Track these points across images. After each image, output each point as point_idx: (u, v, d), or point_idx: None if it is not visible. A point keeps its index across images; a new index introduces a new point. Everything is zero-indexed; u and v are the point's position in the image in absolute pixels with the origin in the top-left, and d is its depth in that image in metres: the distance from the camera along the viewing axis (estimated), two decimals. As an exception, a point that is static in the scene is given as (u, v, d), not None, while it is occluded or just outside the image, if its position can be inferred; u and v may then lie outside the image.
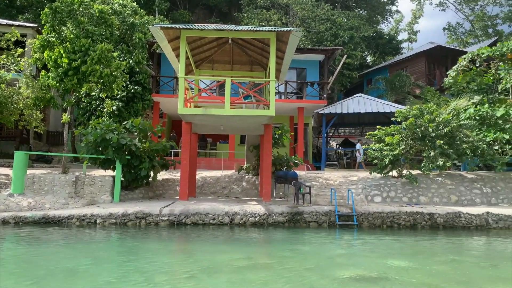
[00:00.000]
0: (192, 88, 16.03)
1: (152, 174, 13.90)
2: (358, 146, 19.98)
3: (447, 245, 9.40)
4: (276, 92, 20.55)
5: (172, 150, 17.67)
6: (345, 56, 23.47)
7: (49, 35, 13.76)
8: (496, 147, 15.01)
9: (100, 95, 17.27)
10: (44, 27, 13.83)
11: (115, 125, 13.29)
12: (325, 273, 6.22)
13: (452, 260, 7.54)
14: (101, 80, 13.78)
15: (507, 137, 14.61)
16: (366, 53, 36.25)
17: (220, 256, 7.38)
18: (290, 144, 21.81)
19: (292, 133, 18.14)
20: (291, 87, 21.86)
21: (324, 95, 21.45)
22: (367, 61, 36.54)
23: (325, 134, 21.34)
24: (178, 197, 13.28)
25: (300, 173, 15.95)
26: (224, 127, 13.89)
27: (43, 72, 14.12)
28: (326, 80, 21.81)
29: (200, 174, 16.04)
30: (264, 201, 12.67)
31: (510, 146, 14.90)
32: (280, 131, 15.50)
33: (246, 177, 15.75)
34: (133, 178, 13.42)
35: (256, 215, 10.96)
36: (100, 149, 12.95)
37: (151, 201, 12.72)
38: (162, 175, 15.65)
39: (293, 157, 15.94)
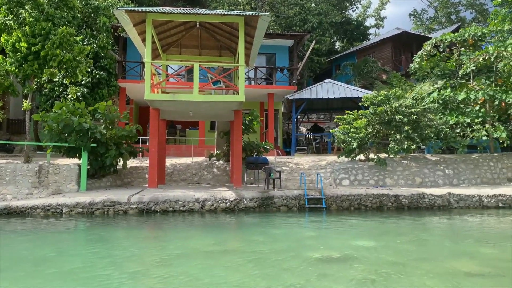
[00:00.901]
0: (159, 74, 15.69)
1: (120, 162, 13.62)
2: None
3: (411, 224, 9.76)
4: (245, 78, 20.50)
5: (140, 138, 17.34)
6: (314, 41, 23.57)
7: (6, 18, 13.05)
8: (458, 130, 15.59)
9: (64, 81, 16.65)
10: (1, 10, 13.10)
11: (80, 110, 12.87)
12: (295, 254, 6.32)
13: (416, 239, 7.84)
14: (64, 66, 13.25)
15: (468, 120, 15.19)
16: (335, 38, 36.56)
17: (191, 242, 7.36)
18: (260, 130, 21.87)
19: (262, 119, 18.14)
20: (261, 73, 21.81)
21: (294, 81, 21.54)
22: (336, 47, 36.86)
23: (295, 120, 21.50)
24: (147, 185, 13.09)
25: (271, 158, 16.05)
26: (193, 113, 13.72)
27: (0, 57, 13.42)
28: (295, 66, 21.88)
29: (170, 161, 15.85)
30: (235, 187, 12.69)
31: (470, 129, 15.51)
32: (250, 117, 15.48)
33: (217, 163, 15.69)
34: (100, 166, 13.10)
35: (227, 201, 10.98)
36: (64, 136, 12.54)
37: (119, 189, 12.48)
38: (130, 162, 15.34)
39: (263, 143, 15.99)
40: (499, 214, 11.10)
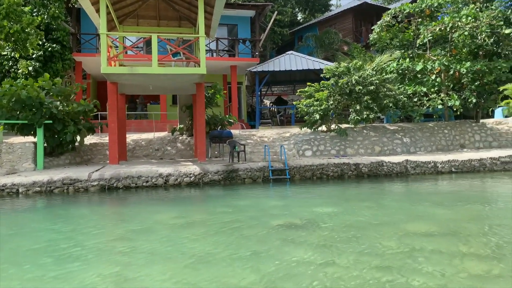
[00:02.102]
0: (116, 46, 15.07)
1: (78, 138, 13.15)
2: None
3: (371, 191, 10.13)
4: (207, 50, 20.08)
5: (99, 113, 16.76)
6: (276, 12, 23.31)
7: None
8: (415, 100, 16.10)
9: (13, 55, 15.68)
10: None
11: (34, 84, 12.22)
12: (259, 223, 6.43)
13: (375, 204, 8.15)
14: (12, 38, 12.44)
15: (424, 89, 15.69)
16: (297, 9, 36.30)
17: (154, 217, 7.30)
18: (224, 104, 21.68)
19: (225, 92, 17.94)
20: (223, 45, 21.42)
21: (257, 53, 21.34)
22: (298, 18, 36.65)
23: (259, 93, 21.44)
24: (108, 162, 12.77)
25: (235, 132, 16.02)
26: (153, 87, 13.35)
27: None
28: (258, 37, 21.62)
29: (131, 137, 15.48)
30: (199, 161, 12.61)
31: (427, 98, 16.07)
32: (213, 90, 15.27)
33: (180, 138, 15.49)
34: (57, 143, 12.60)
35: (191, 175, 10.92)
36: (16, 113, 11.92)
37: (79, 167, 12.11)
38: (90, 139, 14.88)
39: (227, 116, 15.88)
40: (452, 178, 11.71)
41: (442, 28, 15.64)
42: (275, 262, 4.46)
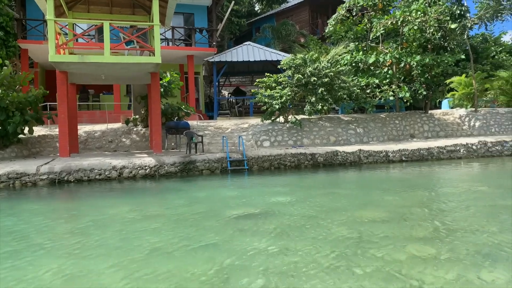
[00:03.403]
0: (65, 34, 14.37)
1: (26, 130, 12.48)
2: None
3: (326, 180, 10.39)
4: (163, 39, 19.61)
5: (48, 104, 15.97)
6: (233, 2, 23.11)
7: None
8: (368, 91, 16.63)
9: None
10: None
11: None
12: (216, 214, 6.42)
13: (329, 192, 8.37)
14: None
15: (377, 81, 16.24)
16: (254, 0, 36.20)
17: (108, 210, 7.10)
18: (181, 94, 21.31)
19: (182, 84, 17.63)
20: (179, 34, 20.98)
21: (214, 43, 21.10)
22: (256, 9, 36.58)
23: (217, 83, 21.26)
24: (58, 154, 12.22)
25: (193, 123, 15.83)
26: (105, 76, 12.87)
27: None
28: (215, 27, 21.36)
29: (83, 128, 14.89)
30: (155, 153, 12.37)
31: (379, 90, 16.63)
32: (168, 79, 14.95)
33: (135, 129, 15.10)
34: (1, 135, 11.88)
35: (147, 167, 10.70)
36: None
37: (27, 160, 11.50)
38: (39, 131, 14.16)
39: (184, 106, 15.64)
40: (402, 166, 12.25)
41: (394, 22, 16.19)
42: (231, 252, 4.48)
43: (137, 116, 15.41)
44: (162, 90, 14.32)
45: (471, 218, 5.90)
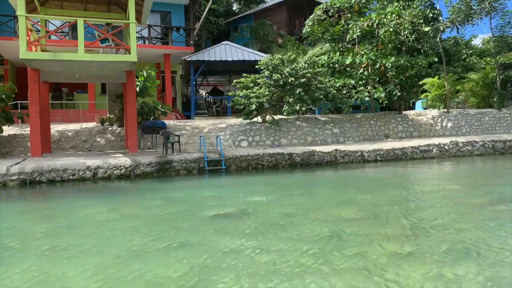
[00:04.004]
0: (37, 30, 13.96)
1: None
2: None
3: (303, 179, 10.48)
4: (139, 37, 19.33)
5: (19, 102, 15.49)
6: (211, 1, 23.00)
7: None
8: (344, 92, 16.86)
9: None
10: None
11: None
12: (193, 215, 6.37)
13: (306, 192, 8.44)
14: None
15: (353, 82, 16.48)
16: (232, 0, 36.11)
17: (82, 211, 6.95)
18: (157, 93, 21.06)
19: (159, 81, 17.40)
20: (156, 32, 20.72)
21: (191, 42, 20.94)
22: (233, 9, 36.49)
23: (194, 82, 21.11)
24: (30, 154, 11.87)
25: (169, 122, 15.66)
26: (79, 74, 12.58)
27: None
28: (192, 26, 21.20)
29: (56, 127, 14.50)
30: (131, 152, 12.18)
31: (355, 90, 16.89)
32: (144, 77, 14.73)
33: (110, 129, 14.82)
34: (-32, 135, 11.45)
35: (122, 167, 10.53)
36: None
37: (-4, 160, 11.12)
38: (9, 130, 13.71)
39: (160, 105, 15.46)
40: (377, 166, 12.48)
41: (370, 24, 16.47)
42: (208, 252, 4.45)
43: (112, 116, 15.13)
44: (138, 89, 14.11)
45: (443, 216, 6.07)
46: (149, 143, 14.27)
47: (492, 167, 12.59)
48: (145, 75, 14.88)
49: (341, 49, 17.96)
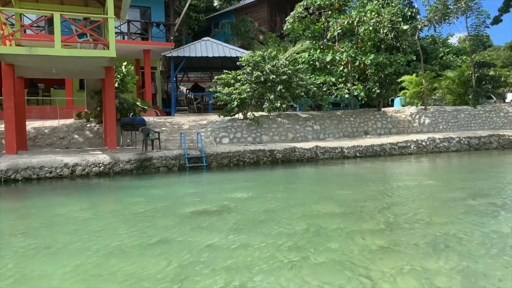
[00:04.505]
0: (12, 24, 13.57)
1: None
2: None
3: (284, 176, 10.55)
4: (118, 32, 18.99)
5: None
6: (191, -3, 22.79)
7: None
8: (325, 89, 17.00)
9: None
10: None
11: None
12: (172, 212, 6.34)
13: (287, 188, 8.51)
14: None
15: (333, 79, 16.62)
16: (213, -4, 35.87)
17: (59, 209, 6.83)
18: (137, 89, 20.78)
19: (137, 77, 17.16)
20: (135, 27, 20.41)
21: (171, 37, 20.72)
22: (214, 4, 36.27)
23: (174, 78, 20.92)
24: (4, 152, 11.55)
25: (149, 119, 15.48)
26: (56, 70, 12.30)
27: None
28: (172, 22, 20.98)
29: (32, 124, 14.15)
30: (110, 149, 11.99)
31: (335, 88, 17.05)
32: (123, 74, 14.50)
33: (89, 125, 14.55)
34: None
35: (101, 164, 10.37)
36: None
37: (-32, 158, 10.79)
38: (-18, 127, 13.31)
39: (140, 102, 15.26)
40: (356, 162, 12.65)
41: (350, 22, 16.62)
42: (187, 249, 4.44)
43: (90, 112, 14.85)
44: (117, 85, 13.89)
45: (419, 210, 6.21)
46: (128, 140, 14.07)
47: (467, 162, 12.93)
48: (124, 71, 14.67)
49: (321, 47, 18.07)
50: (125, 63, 15.07)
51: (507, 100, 22.67)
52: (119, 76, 14.29)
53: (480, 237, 4.73)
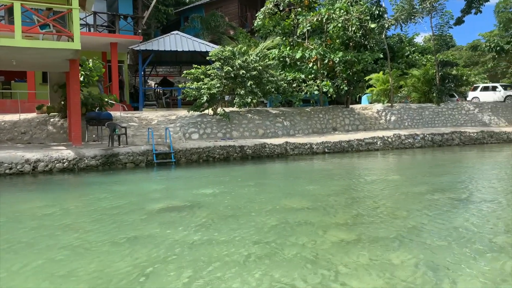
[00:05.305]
0: (-32, 12, 12.86)
1: None
2: None
3: (253, 171, 10.56)
4: (83, 24, 18.39)
5: None
6: (160, -10, 22.35)
7: None
8: (295, 85, 17.12)
9: None
10: None
11: None
12: (138, 208, 6.20)
13: (257, 183, 8.52)
14: None
15: (303, 76, 16.77)
16: (183, -11, 35.30)
17: (22, 206, 6.56)
18: (103, 83, 20.21)
19: (103, 69, 16.66)
20: (102, 20, 19.81)
21: (140, 31, 20.25)
22: (184, -2, 35.71)
23: (142, 73, 20.49)
24: (-40, 147, 10.98)
25: (116, 114, 15.08)
26: (17, 61, 11.77)
27: None
28: (141, 14, 20.50)
29: (-10, 118, 13.52)
30: (74, 145, 11.62)
31: (305, 84, 17.20)
32: (89, 66, 14.06)
33: (52, 120, 14.04)
34: None
35: (65, 160, 10.04)
36: None
37: None
38: None
39: (106, 96, 14.84)
40: (325, 158, 12.83)
41: (319, 19, 16.79)
42: (153, 245, 4.36)
43: (54, 106, 14.33)
44: (82, 78, 13.46)
45: (384, 205, 6.36)
46: (94, 136, 13.68)
47: (430, 158, 13.38)
48: (90, 64, 14.22)
49: (291, 43, 18.18)
50: (91, 60, 14.59)
51: (468, 99, 23.63)
52: (83, 71, 13.81)
53: (440, 229, 4.90)
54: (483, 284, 3.36)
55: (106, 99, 14.44)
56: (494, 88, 23.90)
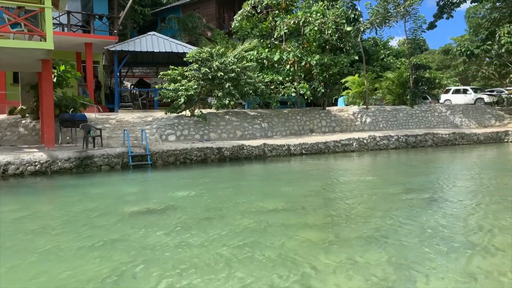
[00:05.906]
0: None
1: None
2: None
3: (231, 173, 10.55)
4: (56, 24, 17.99)
5: None
6: (137, -10, 22.08)
7: None
8: (272, 87, 17.21)
9: None
10: None
11: None
12: (112, 211, 6.10)
13: (234, 185, 8.51)
14: None
15: (280, 78, 16.88)
16: (160, -10, 34.95)
17: (-13, 211, 6.32)
18: (79, 84, 19.79)
19: (80, 74, 16.34)
20: (76, 19, 19.41)
21: (115, 31, 19.95)
22: (161, -1, 35.37)
23: (118, 74, 20.18)
24: None
25: (91, 115, 14.81)
26: (-14, 61, 11.42)
27: None
28: (116, 15, 20.19)
29: (-42, 119, 13.04)
30: (47, 147, 11.34)
31: (283, 86, 17.31)
32: (63, 67, 13.76)
33: (23, 121, 13.66)
34: None
35: (37, 163, 9.78)
36: None
37: None
38: None
39: (81, 97, 14.55)
40: (302, 159, 12.94)
41: (296, 22, 16.94)
42: (126, 249, 4.30)
43: (25, 107, 13.95)
44: (55, 79, 13.14)
45: (360, 205, 6.46)
46: (68, 138, 13.38)
47: (405, 159, 13.68)
48: (65, 67, 13.90)
49: (269, 46, 18.26)
50: (69, 61, 14.26)
51: (441, 101, 24.31)
52: (58, 70, 13.50)
53: (414, 228, 5.01)
54: (455, 280, 3.46)
55: (80, 100, 14.15)
56: (465, 91, 24.70)
